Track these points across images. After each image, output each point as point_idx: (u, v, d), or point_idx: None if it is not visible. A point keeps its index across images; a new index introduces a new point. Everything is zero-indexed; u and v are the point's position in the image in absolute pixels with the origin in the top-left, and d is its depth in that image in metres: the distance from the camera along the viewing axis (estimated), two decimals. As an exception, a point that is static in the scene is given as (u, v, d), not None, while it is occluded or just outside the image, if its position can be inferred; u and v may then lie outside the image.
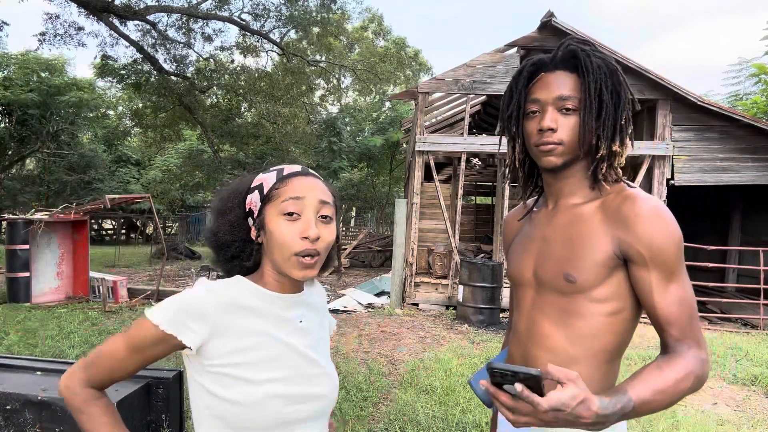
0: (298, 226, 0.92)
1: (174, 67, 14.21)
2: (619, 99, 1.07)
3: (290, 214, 0.92)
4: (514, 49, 8.38)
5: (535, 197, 1.28)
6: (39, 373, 2.17)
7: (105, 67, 14.18)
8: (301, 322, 1.01)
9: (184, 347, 0.90)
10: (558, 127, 1.07)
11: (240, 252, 1.00)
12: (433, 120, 12.52)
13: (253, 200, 0.98)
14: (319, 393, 1.00)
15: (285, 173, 0.97)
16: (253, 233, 0.98)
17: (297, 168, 1.00)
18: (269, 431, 0.94)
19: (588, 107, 1.06)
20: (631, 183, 1.11)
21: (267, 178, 0.98)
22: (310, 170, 1.01)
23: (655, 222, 0.98)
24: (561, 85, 1.08)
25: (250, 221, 0.99)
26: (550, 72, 1.10)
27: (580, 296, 1.05)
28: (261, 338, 0.95)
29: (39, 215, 7.48)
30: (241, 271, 1.02)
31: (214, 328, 0.90)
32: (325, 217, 0.95)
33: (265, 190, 0.96)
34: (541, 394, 0.79)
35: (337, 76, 17.28)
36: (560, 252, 1.08)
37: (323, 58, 15.97)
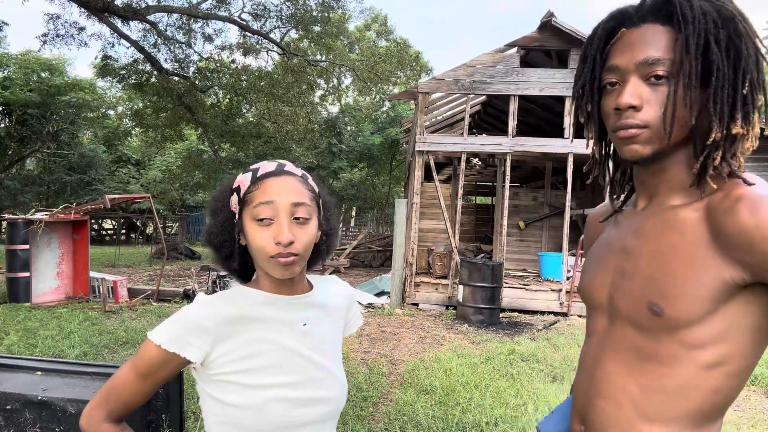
0: (271, 230, 0.90)
1: (174, 67, 14.23)
2: (739, 57, 0.75)
3: (262, 219, 0.91)
4: (514, 49, 8.38)
5: (626, 192, 0.98)
6: (39, 373, 2.17)
7: (105, 67, 14.18)
8: (305, 325, 1.00)
9: (189, 363, 0.92)
10: (642, 103, 0.78)
11: (232, 252, 1.00)
12: (433, 120, 12.52)
13: (233, 203, 0.97)
14: (325, 396, 0.99)
15: (259, 174, 0.94)
16: (236, 232, 0.98)
17: (272, 167, 0.96)
18: None
19: (687, 73, 0.75)
20: (749, 176, 0.78)
21: (243, 180, 0.96)
22: (287, 168, 0.97)
23: None
24: (648, 43, 0.78)
25: (236, 217, 0.99)
26: (634, 27, 0.80)
27: (666, 336, 0.77)
28: (263, 345, 0.95)
29: (39, 215, 7.48)
30: (240, 269, 1.02)
31: (215, 340, 0.92)
32: (300, 218, 0.92)
33: (242, 193, 0.95)
34: None
35: (337, 75, 17.28)
36: (646, 271, 0.81)
37: (324, 58, 15.98)
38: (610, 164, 0.98)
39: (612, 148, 0.96)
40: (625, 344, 0.83)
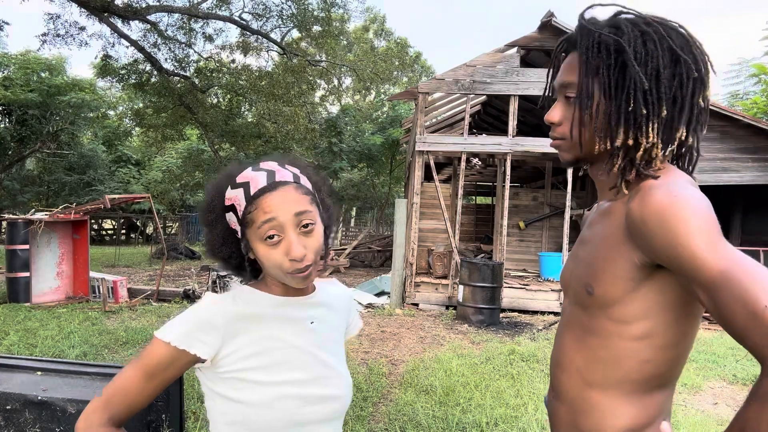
0: (282, 247, 0.89)
1: (175, 67, 14.22)
2: (624, 81, 0.86)
3: (270, 237, 0.89)
4: (514, 49, 8.38)
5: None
6: (39, 373, 2.16)
7: (105, 67, 14.17)
8: (312, 323, 1.01)
9: (197, 361, 0.91)
10: (562, 119, 0.95)
11: (241, 262, 1.00)
12: (433, 120, 12.52)
13: (233, 221, 0.95)
14: (333, 394, 0.99)
15: (252, 192, 0.90)
16: (244, 249, 0.96)
17: (262, 180, 0.91)
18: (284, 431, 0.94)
19: (583, 93, 0.90)
20: (664, 172, 0.89)
21: (236, 198, 0.92)
22: (278, 177, 0.92)
23: (662, 221, 0.78)
24: (567, 69, 0.95)
25: (239, 234, 0.97)
26: (569, 53, 0.97)
27: (599, 313, 0.90)
28: (271, 343, 0.95)
29: (39, 215, 7.48)
30: (250, 274, 1.02)
31: (225, 337, 0.91)
32: (306, 226, 0.91)
33: (240, 213, 0.92)
34: None
35: (337, 75, 17.28)
36: (586, 258, 0.96)
37: (324, 58, 15.98)
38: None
39: None
40: (574, 321, 0.97)
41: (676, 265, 0.78)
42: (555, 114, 0.95)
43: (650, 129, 0.86)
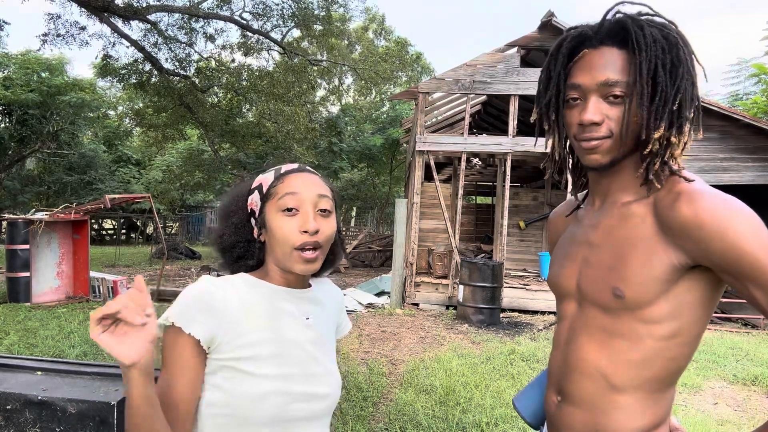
0: (296, 220, 0.94)
1: (175, 67, 14.21)
2: (676, 78, 0.87)
3: (289, 209, 0.94)
4: (514, 49, 8.38)
5: (586, 191, 1.11)
6: (39, 373, 2.16)
7: (106, 67, 14.16)
8: (308, 319, 1.02)
9: (197, 344, 0.89)
10: (603, 119, 0.89)
11: (245, 252, 1.02)
12: (434, 120, 12.52)
13: (254, 200, 1.01)
14: (322, 393, 0.99)
15: (282, 171, 1.00)
16: (255, 232, 1.01)
17: (294, 165, 1.02)
18: (270, 428, 0.93)
19: (640, 93, 0.87)
20: (688, 175, 0.89)
21: (266, 178, 1.01)
22: (308, 167, 1.03)
23: (722, 226, 0.79)
24: (607, 66, 0.88)
25: (253, 221, 1.02)
26: (594, 48, 0.90)
27: (628, 315, 0.89)
28: (267, 334, 0.95)
29: (39, 215, 7.48)
30: (246, 270, 1.04)
31: (222, 321, 0.90)
32: (324, 210, 0.97)
33: (265, 189, 0.99)
34: None
35: (338, 75, 17.27)
36: (607, 261, 0.92)
37: (325, 57, 15.98)
38: (569, 164, 1.11)
39: (570, 149, 1.07)
40: (593, 324, 0.94)
41: (732, 268, 0.80)
42: (597, 114, 0.89)
43: (686, 127, 0.89)
